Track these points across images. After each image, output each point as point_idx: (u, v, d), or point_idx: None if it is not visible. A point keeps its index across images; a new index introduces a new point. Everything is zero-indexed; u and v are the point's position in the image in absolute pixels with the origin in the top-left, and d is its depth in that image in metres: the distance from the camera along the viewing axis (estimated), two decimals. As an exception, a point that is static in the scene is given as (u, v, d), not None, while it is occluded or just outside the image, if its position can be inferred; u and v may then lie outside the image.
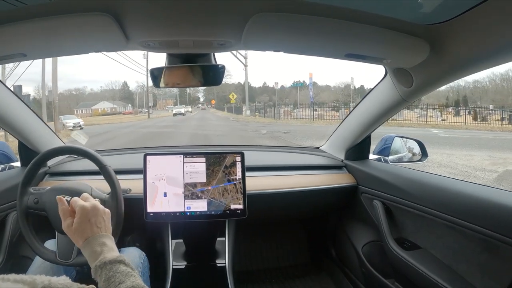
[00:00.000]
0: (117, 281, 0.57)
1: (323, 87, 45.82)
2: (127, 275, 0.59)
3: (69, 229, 0.69)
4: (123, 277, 0.58)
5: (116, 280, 0.57)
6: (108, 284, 0.57)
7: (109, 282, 0.58)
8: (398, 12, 0.68)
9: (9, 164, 1.30)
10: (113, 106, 40.84)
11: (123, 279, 0.57)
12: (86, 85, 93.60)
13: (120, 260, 0.61)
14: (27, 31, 0.68)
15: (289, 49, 0.84)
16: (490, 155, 7.39)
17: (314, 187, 1.38)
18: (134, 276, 0.59)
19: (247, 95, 26.89)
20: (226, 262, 1.17)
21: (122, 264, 0.61)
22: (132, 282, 0.57)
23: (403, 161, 1.50)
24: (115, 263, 0.60)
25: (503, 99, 28.72)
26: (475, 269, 0.90)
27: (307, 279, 1.72)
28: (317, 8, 0.66)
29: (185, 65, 0.89)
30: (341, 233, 1.57)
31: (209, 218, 1.14)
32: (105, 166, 0.96)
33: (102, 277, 0.59)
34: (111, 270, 0.59)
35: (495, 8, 0.58)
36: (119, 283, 0.57)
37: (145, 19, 0.70)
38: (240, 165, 1.17)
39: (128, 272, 0.60)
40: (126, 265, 0.61)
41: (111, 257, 0.61)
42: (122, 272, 0.59)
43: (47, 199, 0.94)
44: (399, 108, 1.15)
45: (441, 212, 0.98)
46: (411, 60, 0.84)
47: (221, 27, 0.73)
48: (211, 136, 10.85)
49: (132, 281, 0.58)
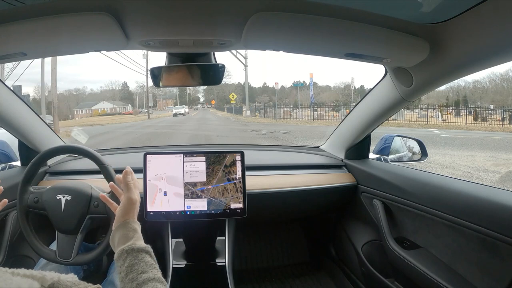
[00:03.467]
0: (140, 270, 0.58)
1: (323, 87, 45.86)
2: (150, 267, 0.59)
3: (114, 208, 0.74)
4: (146, 267, 0.59)
5: (139, 268, 0.58)
6: (130, 270, 0.58)
7: (132, 268, 0.58)
8: (398, 11, 0.68)
9: (9, 163, 1.31)
10: (113, 106, 40.86)
11: (146, 269, 0.58)
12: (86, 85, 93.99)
13: (147, 251, 0.62)
14: (27, 30, 0.68)
15: (289, 48, 0.84)
16: (492, 155, 7.39)
17: (314, 187, 1.38)
18: (157, 269, 0.60)
19: (247, 95, 26.89)
20: (226, 261, 1.17)
21: (148, 255, 0.62)
22: (154, 274, 0.58)
23: (403, 161, 1.50)
24: (142, 252, 0.61)
25: (503, 99, 28.73)
26: (474, 268, 0.90)
27: (307, 278, 1.72)
28: (317, 8, 0.66)
29: (185, 64, 0.89)
30: (341, 232, 1.57)
31: (209, 217, 1.14)
32: (105, 165, 0.96)
33: (126, 262, 0.59)
34: (136, 258, 0.60)
35: (495, 7, 0.58)
36: (141, 272, 0.57)
37: (145, 18, 0.70)
38: (240, 164, 1.17)
39: (152, 264, 0.61)
40: (151, 257, 0.62)
41: (140, 245, 0.62)
42: (147, 262, 0.60)
43: (47, 198, 0.94)
44: (399, 108, 1.15)
45: (441, 212, 0.98)
46: (411, 60, 0.85)
47: (221, 26, 0.73)
48: (211, 136, 10.85)
49: (155, 273, 0.58)
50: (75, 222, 0.94)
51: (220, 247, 1.25)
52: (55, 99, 12.63)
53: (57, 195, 0.94)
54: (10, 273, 0.43)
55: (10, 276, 0.43)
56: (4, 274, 0.43)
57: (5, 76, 9.93)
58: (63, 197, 0.94)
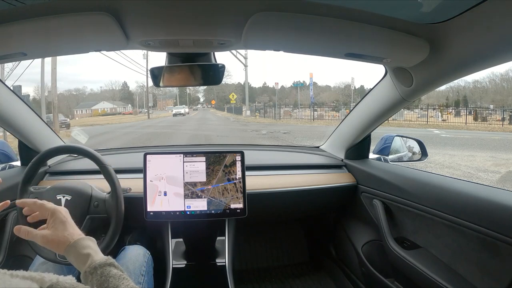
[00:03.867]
0: (111, 286, 0.54)
1: (323, 87, 45.86)
2: (120, 278, 0.55)
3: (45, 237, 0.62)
4: (116, 281, 0.55)
5: (110, 285, 0.54)
6: None
7: (103, 287, 0.54)
8: (398, 11, 0.68)
9: (9, 164, 1.31)
10: (113, 106, 40.86)
11: (116, 283, 0.54)
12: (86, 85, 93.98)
13: (110, 263, 0.57)
14: (27, 30, 0.68)
15: (289, 48, 0.84)
16: (492, 155, 7.38)
17: (314, 187, 1.38)
18: (127, 279, 0.56)
19: (247, 95, 26.89)
20: (226, 261, 1.17)
21: (113, 267, 0.57)
22: (126, 286, 0.55)
23: (403, 161, 1.50)
24: (105, 266, 0.56)
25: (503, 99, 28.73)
26: (474, 268, 0.90)
27: (307, 278, 1.72)
28: (317, 8, 0.66)
29: (185, 64, 0.89)
30: (341, 232, 1.57)
31: (209, 217, 1.14)
32: (105, 165, 0.96)
33: (94, 283, 0.55)
34: (102, 275, 0.55)
35: (495, 7, 0.58)
36: (114, 287, 0.54)
37: (145, 18, 0.70)
38: (240, 164, 1.17)
39: (120, 275, 0.56)
40: (117, 268, 0.58)
41: (100, 260, 0.57)
42: (114, 276, 0.55)
43: (47, 198, 0.94)
44: (399, 108, 1.15)
45: (441, 212, 0.98)
46: (411, 60, 0.84)
47: (221, 26, 0.73)
48: (211, 136, 10.85)
49: (126, 284, 0.55)
50: (75, 222, 0.93)
51: (220, 247, 1.25)
52: (55, 99, 12.62)
53: (57, 195, 0.95)
54: (9, 274, 0.43)
55: (9, 277, 0.43)
56: (3, 276, 0.43)
57: (5, 76, 9.91)
58: (63, 197, 0.94)
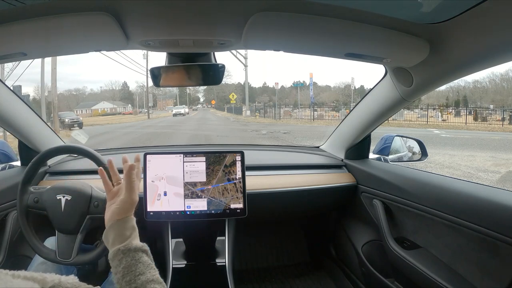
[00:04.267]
0: (137, 272, 0.55)
1: (323, 87, 45.88)
2: (148, 267, 0.57)
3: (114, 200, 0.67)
4: (144, 268, 0.56)
5: (137, 270, 0.56)
6: (127, 272, 0.56)
7: (129, 270, 0.56)
8: (398, 11, 0.68)
9: (9, 163, 1.31)
10: (113, 106, 40.88)
11: (143, 270, 0.56)
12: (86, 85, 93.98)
13: (144, 250, 0.60)
14: (27, 30, 0.68)
15: (289, 48, 0.84)
16: (492, 155, 7.38)
17: (314, 187, 1.38)
18: (154, 269, 0.58)
19: (247, 95, 26.89)
20: (226, 261, 1.17)
21: (145, 254, 0.59)
22: (152, 275, 0.56)
23: (403, 161, 1.50)
24: (139, 251, 0.58)
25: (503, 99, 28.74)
26: (474, 268, 0.90)
27: (307, 278, 1.72)
28: (317, 8, 0.66)
29: (185, 64, 0.89)
30: (341, 232, 1.57)
31: (209, 217, 1.14)
32: (105, 165, 0.96)
33: (122, 262, 0.57)
34: (133, 258, 0.57)
35: (495, 7, 0.58)
36: (139, 274, 0.55)
37: (145, 18, 0.70)
38: (240, 164, 1.17)
39: (149, 264, 0.58)
40: (148, 256, 0.60)
41: (136, 244, 0.59)
42: (144, 263, 0.57)
43: (47, 198, 0.94)
44: (399, 108, 1.15)
45: (441, 212, 0.98)
46: (411, 60, 0.84)
47: (221, 26, 0.73)
48: (211, 136, 10.84)
49: (153, 274, 0.56)
50: (75, 222, 0.94)
51: (220, 247, 1.25)
52: (55, 99, 12.63)
53: (57, 195, 0.94)
54: (10, 275, 0.43)
55: (11, 278, 0.43)
56: (4, 277, 0.43)
57: (5, 76, 9.91)
58: (63, 197, 0.94)
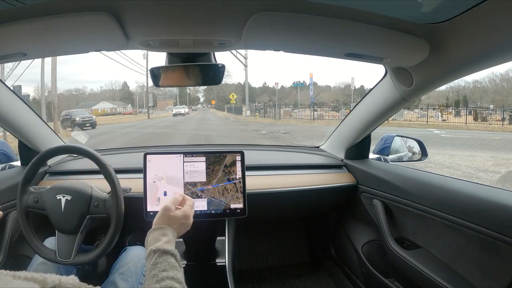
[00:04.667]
0: (161, 268, 0.63)
1: (323, 87, 45.92)
2: (173, 268, 0.64)
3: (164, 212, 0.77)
4: (168, 267, 0.64)
5: (161, 267, 0.63)
6: (153, 267, 0.64)
7: (155, 266, 0.64)
8: (398, 11, 0.68)
9: (9, 163, 1.31)
10: (113, 106, 40.90)
11: (167, 268, 0.64)
12: (86, 85, 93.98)
13: (173, 254, 0.68)
14: (27, 30, 0.68)
15: (289, 48, 0.84)
16: (492, 155, 7.37)
17: (314, 187, 1.38)
18: (178, 271, 0.65)
19: (247, 95, 26.89)
20: (226, 261, 1.17)
21: (173, 257, 0.67)
22: (174, 274, 0.63)
23: (403, 161, 1.50)
24: (167, 253, 0.67)
25: (503, 99, 28.75)
26: (474, 268, 0.90)
27: (307, 278, 1.72)
28: (317, 8, 0.66)
29: (185, 64, 0.89)
30: (341, 232, 1.57)
31: (209, 217, 1.14)
32: (105, 165, 0.96)
33: (152, 260, 0.65)
34: (161, 257, 0.65)
35: (495, 7, 0.58)
36: (162, 270, 0.63)
37: (145, 18, 0.70)
38: (240, 164, 1.17)
39: (175, 265, 0.65)
40: (177, 260, 0.67)
41: (167, 247, 0.68)
42: (169, 263, 0.65)
43: (47, 198, 0.94)
44: (399, 108, 1.15)
45: (441, 212, 0.98)
46: (411, 60, 0.84)
47: (221, 26, 0.73)
48: (211, 136, 10.84)
49: (175, 273, 0.63)
50: (75, 222, 0.94)
51: (220, 247, 1.25)
52: (55, 99, 12.62)
53: (57, 195, 0.94)
54: (11, 276, 0.43)
55: (11, 279, 0.43)
56: (5, 277, 0.43)
57: (5, 76, 9.91)
58: (63, 197, 0.94)
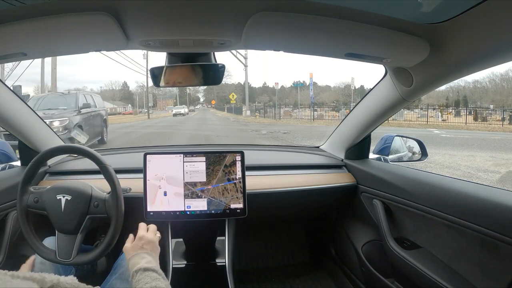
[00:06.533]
0: (145, 281, 0.71)
1: (323, 87, 45.96)
2: (154, 280, 0.72)
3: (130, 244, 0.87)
4: (150, 280, 0.72)
5: (144, 280, 0.71)
6: (138, 283, 0.71)
7: (139, 282, 0.71)
8: (398, 11, 0.68)
9: (9, 163, 1.31)
10: (113, 106, 40.86)
11: (149, 281, 0.71)
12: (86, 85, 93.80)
13: (153, 269, 0.75)
14: (27, 30, 0.68)
15: (289, 48, 0.83)
16: (492, 155, 7.36)
17: (314, 187, 1.38)
18: (160, 281, 0.72)
19: (247, 95, 26.89)
20: (226, 261, 1.17)
21: (154, 272, 0.74)
22: (156, 284, 0.70)
23: (403, 161, 1.50)
24: (148, 270, 0.74)
25: (503, 99, 28.76)
26: (474, 268, 0.90)
27: (307, 278, 1.72)
28: (317, 8, 0.66)
29: (185, 64, 0.89)
30: (341, 232, 1.57)
31: (209, 217, 1.14)
32: (105, 165, 0.96)
33: (135, 278, 0.73)
34: (143, 274, 0.73)
35: (495, 7, 0.58)
36: (145, 283, 0.71)
37: (145, 18, 0.70)
38: (240, 164, 1.17)
39: (157, 277, 0.73)
40: (158, 274, 0.74)
41: (146, 265, 0.76)
42: (151, 276, 0.73)
43: (47, 198, 0.94)
44: (399, 108, 1.15)
45: (441, 212, 0.98)
46: (411, 60, 0.84)
47: (221, 26, 0.73)
48: (211, 136, 10.84)
49: (157, 283, 0.70)
50: (75, 222, 0.94)
51: (220, 247, 1.25)
52: (55, 99, 12.59)
53: (57, 195, 0.94)
54: (10, 275, 0.43)
55: (10, 278, 0.43)
56: (3, 277, 0.43)
57: (5, 76, 9.92)
58: (63, 197, 0.94)
